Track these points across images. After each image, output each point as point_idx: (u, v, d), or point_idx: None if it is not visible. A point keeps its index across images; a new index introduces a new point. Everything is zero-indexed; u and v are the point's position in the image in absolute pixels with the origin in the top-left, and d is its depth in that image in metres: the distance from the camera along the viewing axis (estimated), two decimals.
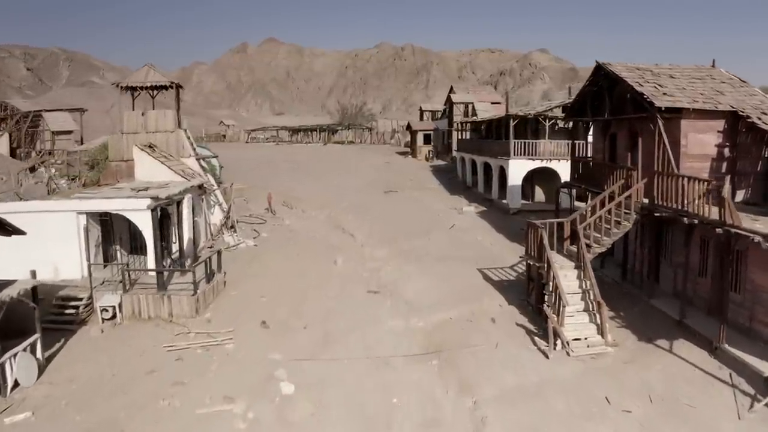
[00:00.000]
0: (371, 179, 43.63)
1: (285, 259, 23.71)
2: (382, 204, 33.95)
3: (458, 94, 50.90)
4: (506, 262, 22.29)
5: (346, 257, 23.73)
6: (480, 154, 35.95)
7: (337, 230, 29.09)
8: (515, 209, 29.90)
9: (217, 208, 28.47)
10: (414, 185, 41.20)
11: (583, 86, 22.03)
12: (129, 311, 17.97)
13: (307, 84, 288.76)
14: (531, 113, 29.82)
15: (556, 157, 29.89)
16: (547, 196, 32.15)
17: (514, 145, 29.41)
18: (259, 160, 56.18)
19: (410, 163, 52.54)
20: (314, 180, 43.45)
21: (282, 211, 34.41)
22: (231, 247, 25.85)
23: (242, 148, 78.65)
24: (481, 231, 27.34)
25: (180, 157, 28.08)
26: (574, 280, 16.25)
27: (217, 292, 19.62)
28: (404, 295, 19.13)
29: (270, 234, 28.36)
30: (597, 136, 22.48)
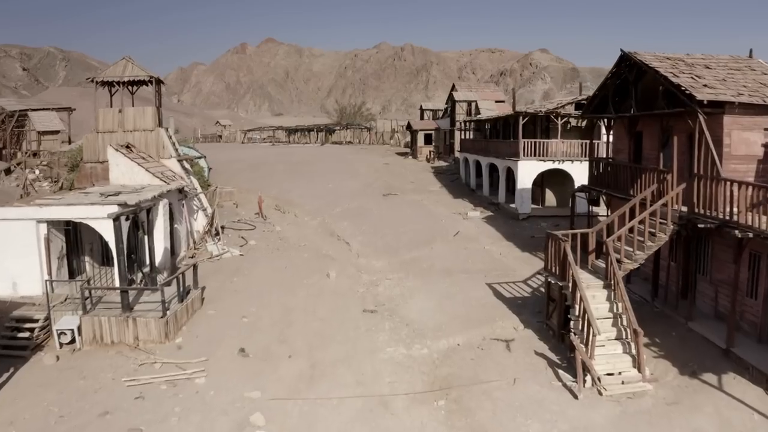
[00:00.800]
0: (369, 181, 41.29)
1: (272, 272, 21.40)
2: (381, 208, 31.63)
3: (460, 91, 48.56)
4: (518, 275, 19.97)
5: (339, 269, 21.42)
6: (485, 154, 33.65)
7: (331, 238, 26.78)
8: (525, 215, 27.58)
9: (200, 214, 26.17)
10: (415, 188, 38.86)
11: (605, 79, 19.71)
12: (89, 335, 15.66)
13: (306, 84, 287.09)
14: (542, 111, 27.51)
15: (569, 158, 27.57)
16: (558, 200, 29.85)
17: (523, 146, 27.10)
18: (253, 161, 53.84)
19: (410, 164, 50.17)
20: (309, 182, 41.12)
21: (273, 216, 32.11)
22: (214, 257, 23.54)
23: (237, 148, 76.43)
24: (489, 239, 25.02)
25: (160, 158, 25.78)
26: (604, 302, 13.94)
27: (193, 312, 17.29)
28: (405, 315, 16.81)
29: (258, 242, 26.03)
30: (620, 135, 20.17)
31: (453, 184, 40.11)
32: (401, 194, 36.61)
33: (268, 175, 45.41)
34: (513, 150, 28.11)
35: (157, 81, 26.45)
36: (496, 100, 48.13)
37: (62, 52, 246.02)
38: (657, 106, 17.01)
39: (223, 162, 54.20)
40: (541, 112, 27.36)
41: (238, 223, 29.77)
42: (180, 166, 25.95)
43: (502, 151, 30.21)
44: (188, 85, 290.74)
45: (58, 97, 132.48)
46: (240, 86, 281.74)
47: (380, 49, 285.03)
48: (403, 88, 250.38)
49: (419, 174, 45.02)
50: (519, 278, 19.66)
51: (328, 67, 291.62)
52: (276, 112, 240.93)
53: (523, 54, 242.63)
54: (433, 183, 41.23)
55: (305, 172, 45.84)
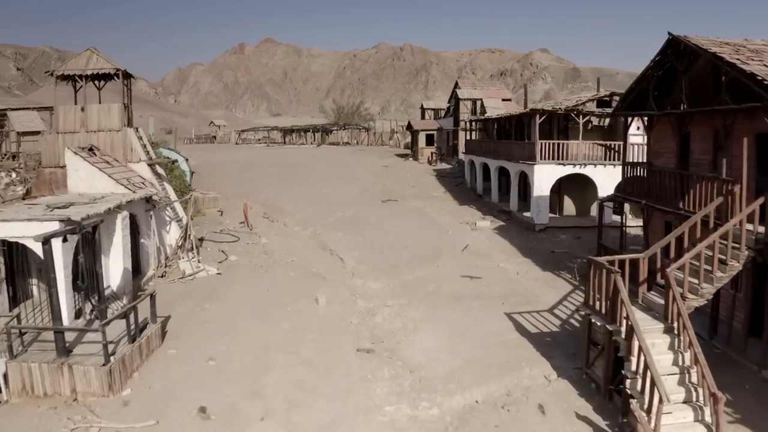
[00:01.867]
0: (367, 186, 38.18)
1: (252, 296, 18.27)
2: (379, 217, 28.52)
3: (464, 89, 45.46)
4: (542, 302, 16.85)
5: (331, 293, 18.29)
6: (494, 157, 30.54)
7: (323, 252, 23.64)
8: (542, 225, 24.45)
9: (174, 226, 23.03)
10: (416, 193, 35.75)
11: (644, 70, 16.60)
12: (18, 385, 12.55)
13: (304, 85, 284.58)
14: (560, 108, 24.39)
15: (591, 162, 24.46)
16: (578, 209, 26.74)
17: (540, 148, 23.98)
18: (245, 163, 50.71)
19: (411, 166, 47.02)
20: (302, 187, 38.00)
21: (261, 226, 28.97)
22: (187, 276, 20.40)
23: (230, 149, 73.27)
24: (503, 254, 21.90)
25: (128, 162, 22.65)
26: (666, 351, 10.82)
27: (149, 352, 14.15)
28: (408, 357, 13.68)
29: (240, 257, 22.90)
30: (662, 136, 17.05)
31: (458, 189, 37.00)
32: (402, 200, 33.51)
33: (258, 179, 42.30)
34: (528, 152, 25.00)
35: (124, 74, 23.32)
36: (503, 98, 45.06)
37: (57, 52, 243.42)
38: (710, 100, 13.93)
39: (213, 164, 51.15)
40: (561, 109, 24.25)
41: (220, 234, 26.65)
42: (150, 171, 22.81)
43: (514, 154, 27.10)
44: (186, 85, 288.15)
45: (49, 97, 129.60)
46: (238, 86, 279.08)
47: (379, 49, 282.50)
48: (402, 89, 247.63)
49: (421, 177, 41.90)
50: (543, 306, 16.53)
51: (327, 67, 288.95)
52: (274, 112, 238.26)
53: (524, 54, 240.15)
54: (436, 187, 38.12)
55: (298, 176, 42.72)
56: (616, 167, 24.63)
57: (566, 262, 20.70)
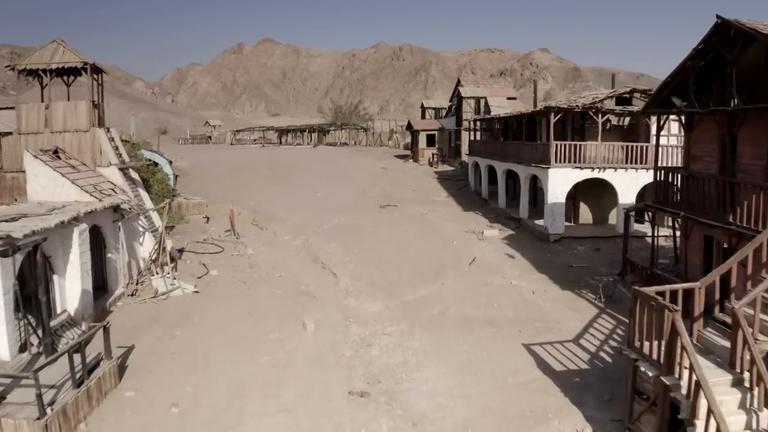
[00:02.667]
0: (364, 189, 35.91)
1: (230, 319, 15.98)
2: (377, 224, 26.24)
3: (467, 87, 43.19)
4: (565, 329, 14.57)
5: (321, 317, 16.01)
6: (501, 159, 28.25)
7: (314, 265, 21.36)
8: (557, 235, 22.15)
9: (148, 237, 20.72)
10: (417, 197, 33.48)
11: (683, 62, 14.30)
12: None
13: (303, 85, 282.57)
14: (578, 106, 22.09)
15: (611, 165, 22.18)
16: (595, 216, 24.44)
17: (556, 149, 21.69)
18: (237, 164, 48.40)
19: (411, 168, 44.74)
20: (295, 191, 35.74)
21: (248, 234, 26.73)
22: (159, 295, 18.11)
23: (224, 150, 70.99)
24: (515, 269, 19.61)
25: (97, 166, 20.38)
26: (736, 411, 8.55)
27: (101, 396, 11.85)
28: (411, 403, 11.39)
29: (222, 271, 20.64)
30: (703, 137, 14.79)
31: (461, 193, 34.74)
32: (401, 205, 31.23)
33: (250, 182, 40.03)
34: (541, 155, 22.72)
35: (93, 68, 21.02)
36: (508, 96, 42.79)
37: None
38: None
39: (204, 165, 48.85)
40: (578, 107, 21.95)
41: (203, 244, 24.40)
42: (122, 176, 20.51)
43: (524, 156, 24.81)
44: (185, 85, 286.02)
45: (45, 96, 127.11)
46: (236, 86, 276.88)
47: (378, 49, 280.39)
48: (401, 89, 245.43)
49: (421, 180, 39.64)
50: (567, 334, 14.25)
51: (326, 67, 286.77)
52: (273, 112, 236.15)
53: (524, 54, 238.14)
54: (438, 191, 35.86)
55: (292, 178, 40.44)
56: (638, 171, 22.41)
57: (587, 278, 18.42)
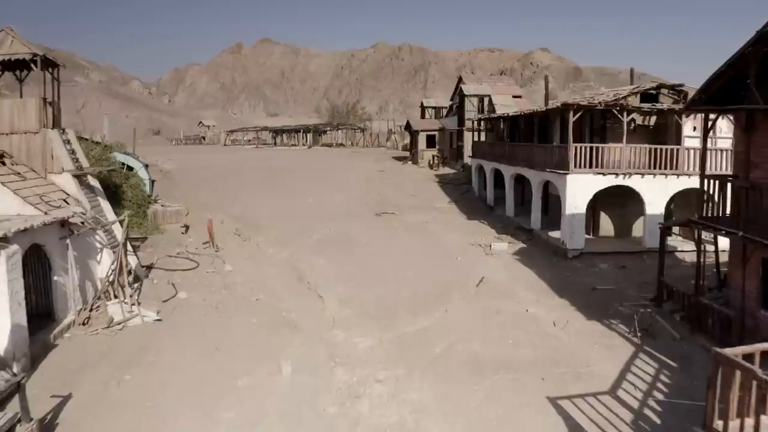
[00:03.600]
0: (359, 194, 33.27)
1: (192, 358, 13.28)
2: (373, 236, 23.59)
3: (470, 85, 40.52)
4: (598, 375, 11.86)
5: (301, 355, 13.32)
6: (510, 162, 25.57)
7: (299, 286, 18.65)
8: (576, 251, 19.46)
9: (108, 254, 18.00)
10: (417, 204, 30.81)
11: (744, 47, 11.62)
12: None
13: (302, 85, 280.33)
14: (600, 103, 19.36)
15: (638, 171, 19.49)
16: (617, 228, 21.74)
17: (575, 153, 19.02)
18: (226, 167, 45.80)
19: (410, 171, 42.08)
20: (285, 196, 33.09)
21: (229, 246, 24.05)
22: (115, 325, 15.41)
23: (216, 152, 68.37)
24: (531, 292, 16.91)
25: (48, 172, 17.69)
26: None
27: None
28: None
29: (193, 293, 17.96)
30: (764, 141, 12.11)
31: (465, 199, 32.06)
32: (399, 213, 28.57)
33: (237, 186, 37.38)
34: (558, 158, 20.03)
35: (45, 61, 18.33)
36: (513, 94, 40.13)
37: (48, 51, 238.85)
38: None
39: (192, 168, 46.17)
40: (600, 104, 19.25)
41: (177, 259, 21.72)
42: (76, 184, 17.80)
43: (536, 160, 22.13)
44: (183, 85, 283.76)
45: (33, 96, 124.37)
46: (235, 86, 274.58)
47: (377, 49, 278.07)
48: (400, 88, 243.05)
49: (421, 184, 36.98)
50: (601, 382, 11.53)
51: (325, 67, 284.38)
52: (271, 112, 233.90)
53: (524, 53, 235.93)
54: (440, 197, 33.18)
55: (283, 182, 37.80)
56: (667, 178, 19.73)
57: (615, 304, 15.74)
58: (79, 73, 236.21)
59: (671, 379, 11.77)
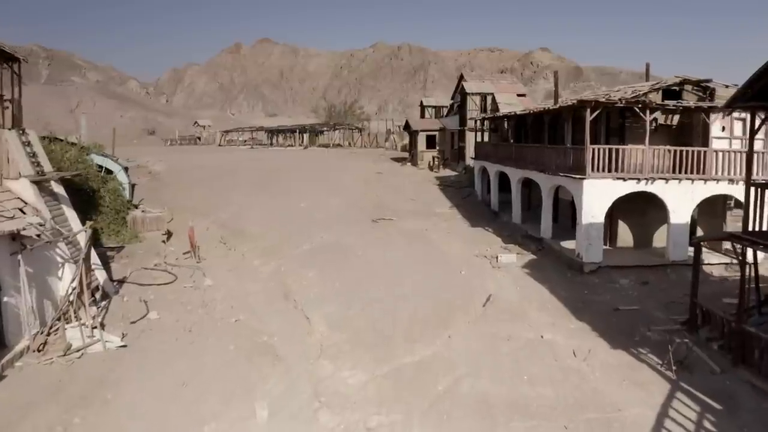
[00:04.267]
0: (355, 198, 31.36)
1: (155, 396, 11.39)
2: (368, 245, 21.70)
3: (472, 82, 38.60)
4: (630, 421, 9.96)
5: (281, 392, 11.42)
6: (516, 165, 23.66)
7: (284, 304, 16.74)
8: (594, 265, 17.54)
9: (70, 270, 16.09)
10: (416, 208, 28.91)
11: None
12: None
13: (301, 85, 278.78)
14: (621, 100, 17.41)
15: (662, 176, 17.59)
16: (637, 238, 19.81)
17: (593, 155, 17.11)
18: (218, 169, 43.87)
19: (409, 173, 40.14)
20: (277, 199, 31.18)
21: (212, 256, 22.18)
22: (72, 352, 13.52)
23: (210, 152, 66.42)
24: (545, 313, 15.01)
25: (4, 178, 15.80)
26: None
27: None
28: None
29: (166, 312, 16.08)
30: None
31: (467, 204, 30.14)
32: (398, 219, 26.67)
33: (227, 189, 35.48)
34: (573, 161, 18.11)
35: (3, 55, 16.41)
36: (518, 93, 38.23)
37: (45, 51, 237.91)
38: None
39: (182, 170, 44.27)
40: (621, 101, 17.30)
41: (153, 271, 19.86)
42: (35, 191, 15.91)
43: (548, 163, 20.21)
44: (182, 85, 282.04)
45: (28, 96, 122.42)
46: (234, 87, 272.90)
47: (376, 49, 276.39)
48: (399, 88, 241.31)
49: (421, 187, 35.07)
50: None
51: (324, 67, 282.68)
52: (270, 112, 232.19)
53: (524, 53, 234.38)
54: (440, 201, 31.26)
55: (276, 185, 35.88)
56: (693, 183, 17.82)
57: (642, 329, 13.85)
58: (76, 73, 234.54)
59: (717, 427, 9.90)
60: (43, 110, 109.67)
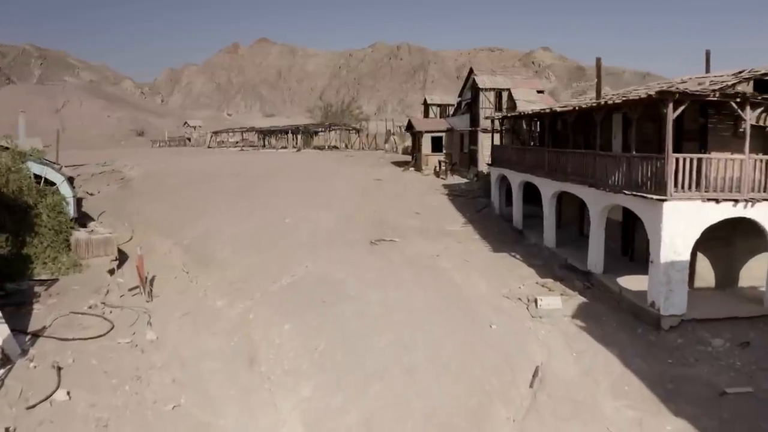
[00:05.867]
0: (350, 211, 26.62)
1: None
2: (364, 281, 16.93)
3: (484, 76, 33.86)
4: None
5: None
6: (552, 175, 18.87)
7: (246, 377, 11.95)
8: (675, 319, 12.79)
9: None
10: (423, 226, 24.15)
11: None
12: None
13: (299, 85, 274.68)
14: (713, 92, 12.61)
15: (764, 196, 12.90)
16: (719, 277, 14.95)
17: (677, 168, 12.35)
18: (200, 174, 39.05)
19: (413, 180, 35.33)
20: (257, 214, 26.44)
21: (168, 291, 17.49)
22: None
23: (196, 155, 61.50)
24: (622, 403, 10.25)
25: None
26: None
27: None
28: None
29: (80, 390, 11.35)
30: None
31: (483, 219, 25.37)
32: (401, 239, 21.93)
33: (204, 199, 30.77)
34: (645, 176, 13.25)
35: None
36: (538, 89, 33.55)
37: (38, 50, 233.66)
38: None
39: (159, 176, 39.52)
40: (714, 94, 12.51)
41: (85, 317, 15.12)
42: None
43: (601, 175, 15.43)
44: (179, 85, 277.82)
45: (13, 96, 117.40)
46: (231, 87, 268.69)
47: (375, 49, 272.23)
48: (399, 88, 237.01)
49: (427, 197, 30.28)
50: None
51: (323, 66, 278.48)
52: (268, 113, 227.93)
53: (524, 52, 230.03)
54: (451, 215, 26.47)
55: (259, 195, 31.14)
56: None
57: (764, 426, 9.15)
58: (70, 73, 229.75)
59: None
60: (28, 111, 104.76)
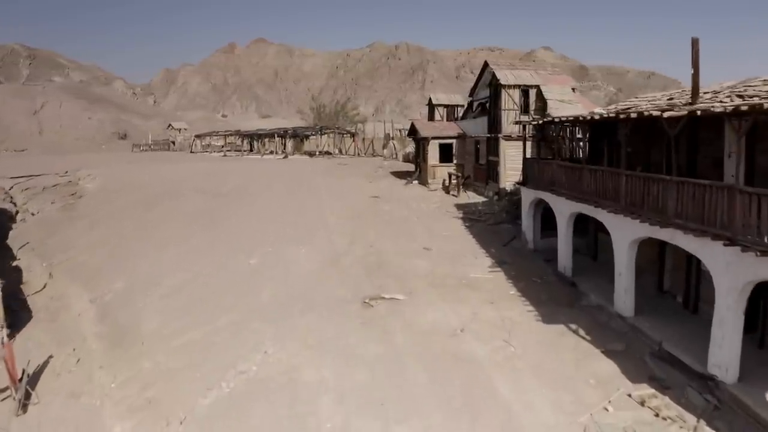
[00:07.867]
0: (337, 247, 20.24)
1: None
2: (351, 388, 10.58)
3: (505, 71, 27.56)
4: None
5: None
6: (632, 212, 12.47)
7: None
8: None
9: None
10: (435, 270, 17.74)
11: None
12: None
13: (296, 85, 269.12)
14: None
15: None
16: None
17: None
18: (163, 187, 32.72)
19: (417, 197, 28.90)
20: (215, 250, 20.09)
21: (55, 391, 11.20)
22: None
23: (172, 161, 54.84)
24: None
25: None
26: None
27: None
28: None
29: None
30: None
31: (515, 258, 18.94)
32: (408, 296, 15.50)
33: (154, 226, 24.48)
34: None
35: None
36: (573, 87, 27.27)
37: (27, 50, 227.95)
38: None
39: (116, 190, 33.16)
40: None
41: None
42: None
43: (744, 225, 9.09)
44: (175, 86, 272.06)
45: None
46: (227, 87, 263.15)
47: (373, 48, 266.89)
48: (397, 89, 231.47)
49: (438, 224, 23.78)
50: None
51: (320, 67, 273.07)
52: (264, 114, 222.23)
53: (525, 52, 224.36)
54: (472, 251, 19.99)
55: (225, 220, 24.78)
56: None
57: None
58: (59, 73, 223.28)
59: None
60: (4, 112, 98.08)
